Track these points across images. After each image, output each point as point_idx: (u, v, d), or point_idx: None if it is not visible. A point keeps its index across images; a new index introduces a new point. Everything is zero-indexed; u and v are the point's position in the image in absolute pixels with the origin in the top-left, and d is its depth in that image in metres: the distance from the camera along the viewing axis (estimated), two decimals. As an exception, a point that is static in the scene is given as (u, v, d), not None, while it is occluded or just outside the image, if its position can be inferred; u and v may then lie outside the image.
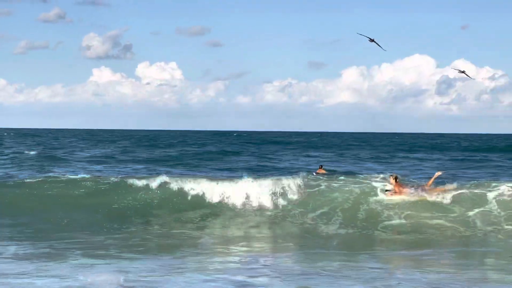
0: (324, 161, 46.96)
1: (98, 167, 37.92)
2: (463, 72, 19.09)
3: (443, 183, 20.78)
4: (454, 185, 20.14)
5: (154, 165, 40.39)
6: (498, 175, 34.65)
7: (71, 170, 33.79)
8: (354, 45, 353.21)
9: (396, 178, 20.21)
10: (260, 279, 11.94)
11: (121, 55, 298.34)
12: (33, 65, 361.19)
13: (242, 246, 16.11)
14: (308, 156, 55.74)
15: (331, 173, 37.53)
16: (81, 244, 15.40)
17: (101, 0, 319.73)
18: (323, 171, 38.19)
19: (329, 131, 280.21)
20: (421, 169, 41.26)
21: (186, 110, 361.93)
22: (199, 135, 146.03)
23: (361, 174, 27.64)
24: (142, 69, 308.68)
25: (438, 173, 20.14)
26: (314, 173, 38.18)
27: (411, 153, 62.58)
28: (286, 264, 13.81)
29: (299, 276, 12.22)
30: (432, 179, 20.16)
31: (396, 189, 19.94)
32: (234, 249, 15.66)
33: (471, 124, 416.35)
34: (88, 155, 50.84)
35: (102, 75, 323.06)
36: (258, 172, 34.49)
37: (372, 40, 19.04)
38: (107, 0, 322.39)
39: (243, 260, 14.13)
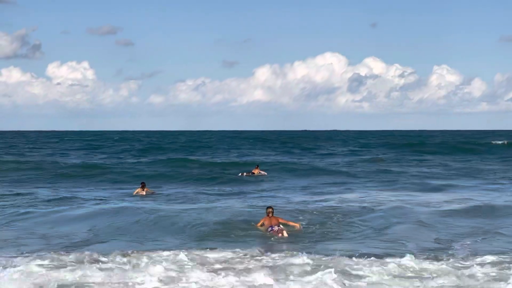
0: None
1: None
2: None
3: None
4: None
5: None
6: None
7: None
8: (266, 44, 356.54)
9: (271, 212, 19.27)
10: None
11: (30, 54, 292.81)
12: None
13: None
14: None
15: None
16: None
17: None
18: (258, 171, 37.54)
19: (243, 129, 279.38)
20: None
21: (98, 110, 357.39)
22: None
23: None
24: (53, 69, 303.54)
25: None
26: (244, 174, 37.50)
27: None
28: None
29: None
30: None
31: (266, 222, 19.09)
32: None
33: (381, 121, 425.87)
34: None
35: (11, 75, 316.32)
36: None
37: None
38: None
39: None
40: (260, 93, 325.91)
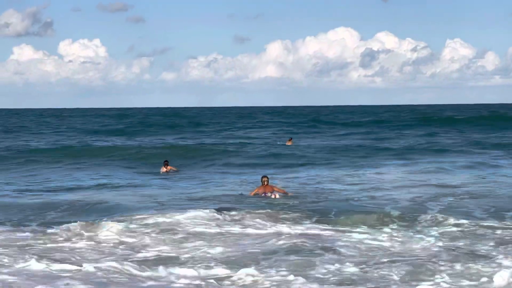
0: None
1: None
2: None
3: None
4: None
5: None
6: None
7: None
8: (277, 19, 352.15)
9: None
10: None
11: (41, 32, 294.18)
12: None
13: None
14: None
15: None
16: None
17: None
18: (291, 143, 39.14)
19: (255, 105, 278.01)
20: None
21: (111, 87, 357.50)
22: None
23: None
24: (65, 46, 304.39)
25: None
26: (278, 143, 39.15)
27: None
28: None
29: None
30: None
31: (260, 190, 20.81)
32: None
33: (394, 95, 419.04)
34: None
35: (23, 53, 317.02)
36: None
37: None
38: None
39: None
40: (272, 69, 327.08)
